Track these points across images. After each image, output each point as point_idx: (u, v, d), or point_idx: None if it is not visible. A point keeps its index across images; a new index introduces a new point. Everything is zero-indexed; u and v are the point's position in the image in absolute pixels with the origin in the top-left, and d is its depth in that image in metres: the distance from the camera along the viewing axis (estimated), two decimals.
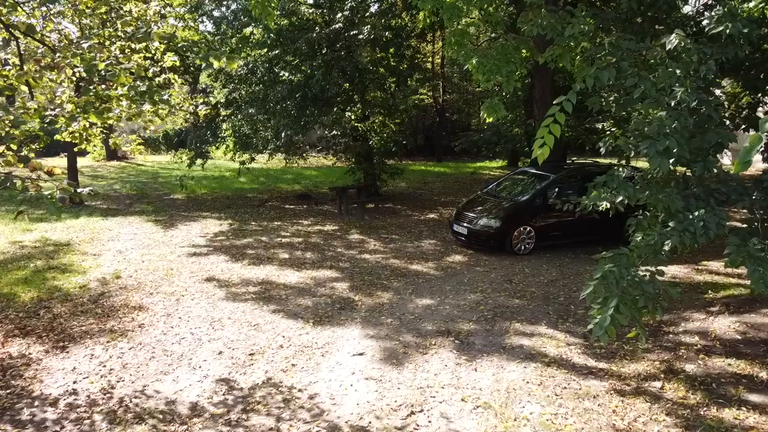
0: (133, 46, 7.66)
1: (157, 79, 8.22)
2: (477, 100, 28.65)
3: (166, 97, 6.84)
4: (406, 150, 20.24)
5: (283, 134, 14.46)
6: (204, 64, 20.60)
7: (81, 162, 30.91)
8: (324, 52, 15.58)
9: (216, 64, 7.06)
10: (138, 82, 6.84)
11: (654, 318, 5.64)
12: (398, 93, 17.52)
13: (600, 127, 20.14)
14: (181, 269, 10.57)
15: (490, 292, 9.06)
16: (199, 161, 16.57)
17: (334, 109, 16.38)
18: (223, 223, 14.47)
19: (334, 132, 16.89)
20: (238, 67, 18.19)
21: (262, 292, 9.24)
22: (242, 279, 9.92)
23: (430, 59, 25.75)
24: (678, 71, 4.78)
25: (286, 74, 15.75)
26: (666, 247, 4.62)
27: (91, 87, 6.25)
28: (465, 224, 11.43)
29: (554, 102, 4.51)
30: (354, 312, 8.33)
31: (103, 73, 6.31)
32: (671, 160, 4.62)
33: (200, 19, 18.25)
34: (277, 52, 15.87)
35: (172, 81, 8.77)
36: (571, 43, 6.13)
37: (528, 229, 11.11)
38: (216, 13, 16.54)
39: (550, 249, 11.37)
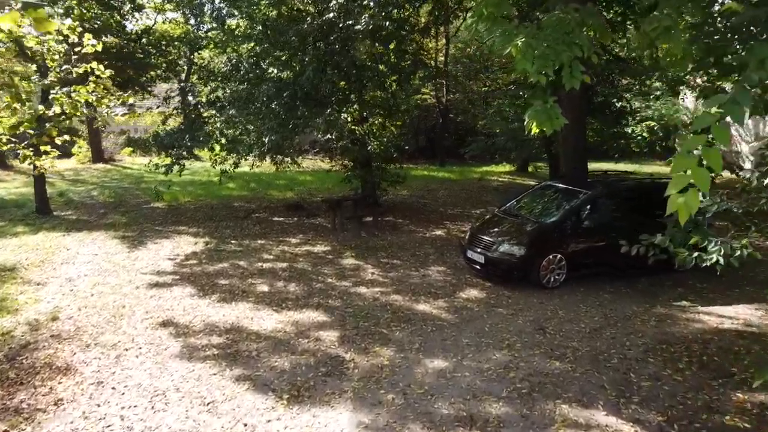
0: None
1: (75, 69, 6.03)
2: (483, 100, 26.43)
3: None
4: (408, 154, 18.00)
5: (266, 139, 12.22)
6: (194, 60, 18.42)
7: (65, 164, 28.77)
8: (316, 45, 13.35)
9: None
10: None
11: None
12: (399, 92, 15.30)
13: (630, 131, 18.10)
14: (134, 307, 8.37)
15: (519, 347, 6.85)
16: (176, 169, 14.32)
17: (328, 111, 14.15)
18: (198, 242, 12.25)
19: (328, 136, 14.66)
20: (221, 63, 16.03)
21: (228, 345, 7.04)
22: (206, 324, 7.71)
23: (433, 56, 23.49)
24: None
25: (275, 71, 13.53)
26: None
27: None
28: (481, 250, 9.22)
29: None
30: (343, 380, 6.13)
31: None
32: None
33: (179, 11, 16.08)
34: (266, 46, 13.65)
35: (95, 71, 6.55)
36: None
37: (558, 257, 8.91)
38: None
39: (584, 280, 9.17)
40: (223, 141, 13.43)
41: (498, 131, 15.33)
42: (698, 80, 20.21)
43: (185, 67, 17.33)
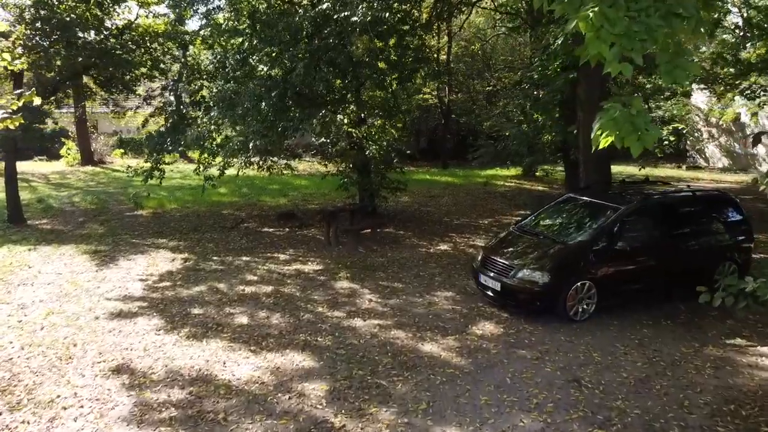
0: None
1: None
2: (486, 100, 24.99)
3: None
4: (408, 156, 16.53)
5: (251, 144, 10.78)
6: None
7: (53, 167, 27.34)
8: (308, 40, 11.89)
9: None
10: None
11: None
12: (401, 92, 13.88)
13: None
14: (88, 345, 6.95)
15: (551, 408, 5.41)
16: (156, 175, 12.86)
17: (323, 112, 12.72)
18: (176, 258, 10.81)
19: (323, 139, 13.25)
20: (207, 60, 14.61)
21: (190, 403, 5.60)
22: (168, 370, 6.28)
23: (435, 54, 22.05)
24: None
25: (264, 68, 12.07)
26: None
27: None
28: (496, 276, 7.77)
29: None
30: None
31: None
32: None
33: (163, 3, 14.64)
34: (254, 43, 12.20)
35: None
36: None
37: (587, 284, 7.46)
38: None
39: (615, 310, 7.73)
40: (207, 145, 11.98)
41: (507, 134, 13.81)
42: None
43: (170, 66, 15.83)
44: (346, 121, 13.04)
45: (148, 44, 16.40)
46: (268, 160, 12.84)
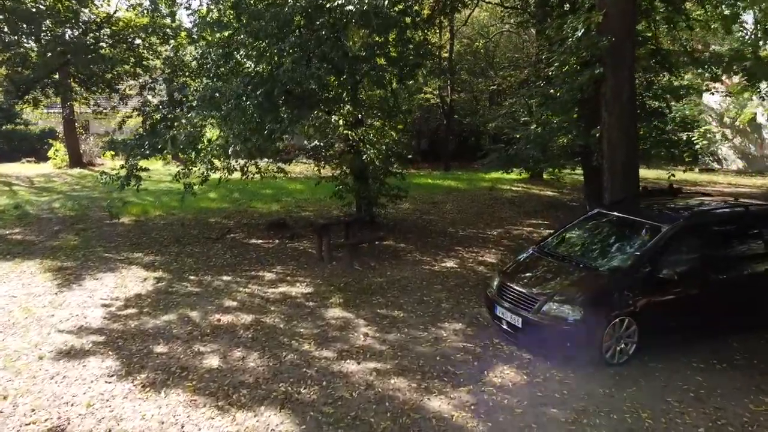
0: None
1: None
2: (489, 100, 23.62)
3: None
4: (410, 160, 15.15)
5: (230, 150, 9.43)
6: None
7: (40, 169, 25.88)
8: (299, 31, 10.52)
9: None
10: None
11: None
12: (401, 91, 12.51)
13: (684, 137, 15.29)
14: (21, 398, 5.60)
15: None
16: (132, 183, 11.45)
17: (315, 112, 11.36)
18: (149, 277, 9.46)
19: (316, 142, 11.88)
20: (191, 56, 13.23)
21: None
22: None
23: (437, 52, 20.68)
24: None
25: (249, 64, 10.71)
26: None
27: None
28: (515, 308, 6.41)
29: None
30: None
31: None
32: None
33: None
34: (241, 37, 10.85)
35: None
36: None
37: (627, 320, 6.10)
38: None
39: (660, 350, 6.37)
40: (186, 149, 10.61)
41: (518, 136, 12.42)
42: (735, 79, 17.48)
43: (155, 63, 14.47)
44: (341, 122, 11.69)
45: (131, 40, 15.06)
46: (254, 166, 11.48)
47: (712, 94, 15.40)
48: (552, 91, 10.25)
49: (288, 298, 8.36)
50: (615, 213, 7.30)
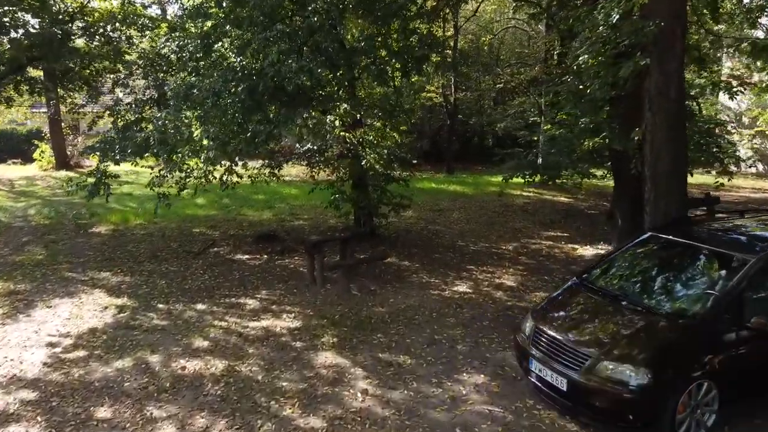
0: None
1: None
2: (493, 99, 22.11)
3: None
4: (413, 165, 13.61)
5: (204, 155, 7.92)
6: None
7: (24, 171, 24.33)
8: (288, 20, 8.99)
9: None
10: None
11: None
12: (405, 88, 10.96)
13: (725, 141, 13.83)
14: None
15: None
16: (101, 191, 9.89)
17: (309, 112, 9.82)
18: (111, 305, 7.93)
19: (308, 146, 10.35)
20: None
21: None
22: None
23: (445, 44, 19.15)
24: None
25: (231, 56, 9.18)
26: None
27: None
28: (556, 363, 4.87)
29: None
30: None
31: None
32: None
33: None
34: (226, 28, 9.33)
35: None
36: None
37: (706, 384, 4.58)
38: None
39: (744, 419, 4.85)
40: (159, 153, 9.07)
41: (534, 139, 10.85)
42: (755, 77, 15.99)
43: (129, 57, 12.93)
44: (337, 123, 10.16)
45: (109, 33, 13.51)
46: (235, 174, 9.97)
47: (742, 92, 13.89)
48: (581, 87, 8.68)
49: (271, 336, 6.82)
50: (676, 238, 5.76)
